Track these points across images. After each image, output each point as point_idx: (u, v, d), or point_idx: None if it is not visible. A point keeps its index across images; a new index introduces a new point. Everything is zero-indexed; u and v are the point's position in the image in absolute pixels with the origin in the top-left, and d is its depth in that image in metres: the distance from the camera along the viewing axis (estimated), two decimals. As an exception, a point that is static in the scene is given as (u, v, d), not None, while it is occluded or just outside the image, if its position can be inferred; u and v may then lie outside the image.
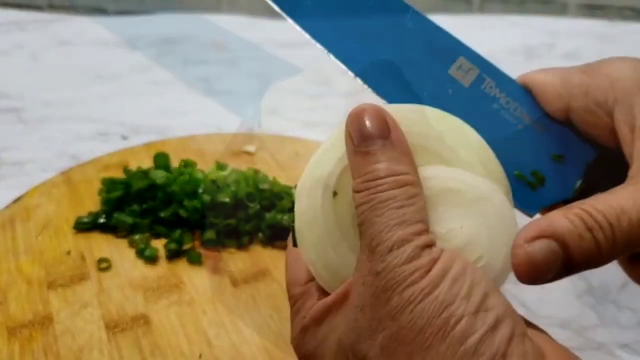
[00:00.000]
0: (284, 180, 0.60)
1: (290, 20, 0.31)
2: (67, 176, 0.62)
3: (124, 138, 0.73)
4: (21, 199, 0.59)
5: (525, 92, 0.31)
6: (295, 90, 0.83)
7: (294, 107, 0.79)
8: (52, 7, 1.93)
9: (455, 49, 0.30)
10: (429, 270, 0.24)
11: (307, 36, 0.32)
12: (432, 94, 0.31)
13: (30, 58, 0.92)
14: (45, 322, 0.46)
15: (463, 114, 0.29)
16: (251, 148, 0.66)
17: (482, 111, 0.31)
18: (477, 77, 0.31)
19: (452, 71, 0.31)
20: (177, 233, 0.54)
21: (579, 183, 0.31)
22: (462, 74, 0.30)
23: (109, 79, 0.87)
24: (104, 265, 0.51)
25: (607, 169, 0.30)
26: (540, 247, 0.25)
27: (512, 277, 0.27)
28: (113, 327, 0.46)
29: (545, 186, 0.31)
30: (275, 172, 0.62)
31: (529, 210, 0.31)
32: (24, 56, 0.93)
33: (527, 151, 0.30)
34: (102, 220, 0.55)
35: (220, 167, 0.59)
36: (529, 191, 0.31)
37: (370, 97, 0.29)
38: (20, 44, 0.97)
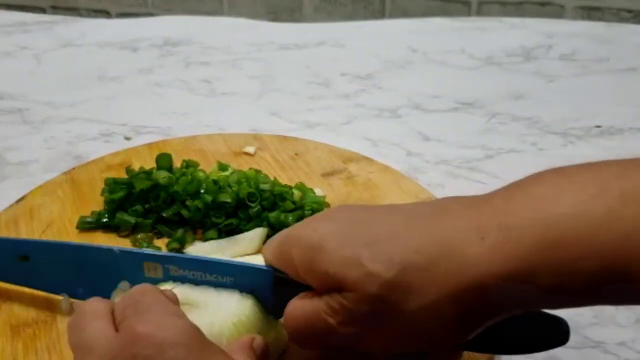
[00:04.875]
0: (284, 180, 0.60)
1: None
2: (70, 176, 0.63)
3: (127, 138, 0.74)
4: (24, 199, 0.60)
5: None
6: (295, 91, 0.84)
7: (294, 108, 0.80)
8: (55, 9, 1.94)
9: (140, 258, 0.43)
10: None
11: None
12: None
13: (34, 59, 0.93)
14: (48, 320, 0.47)
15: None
16: (250, 149, 0.66)
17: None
18: (163, 269, 0.42)
19: (147, 273, 0.42)
20: (179, 232, 0.55)
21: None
22: (153, 272, 0.42)
23: (111, 80, 0.87)
24: (106, 263, 0.51)
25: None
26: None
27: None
28: (116, 324, 0.46)
29: None
30: (275, 172, 0.62)
31: None
32: (27, 57, 0.94)
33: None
34: (104, 220, 0.56)
35: (222, 167, 0.60)
36: None
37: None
38: (24, 45, 0.97)
